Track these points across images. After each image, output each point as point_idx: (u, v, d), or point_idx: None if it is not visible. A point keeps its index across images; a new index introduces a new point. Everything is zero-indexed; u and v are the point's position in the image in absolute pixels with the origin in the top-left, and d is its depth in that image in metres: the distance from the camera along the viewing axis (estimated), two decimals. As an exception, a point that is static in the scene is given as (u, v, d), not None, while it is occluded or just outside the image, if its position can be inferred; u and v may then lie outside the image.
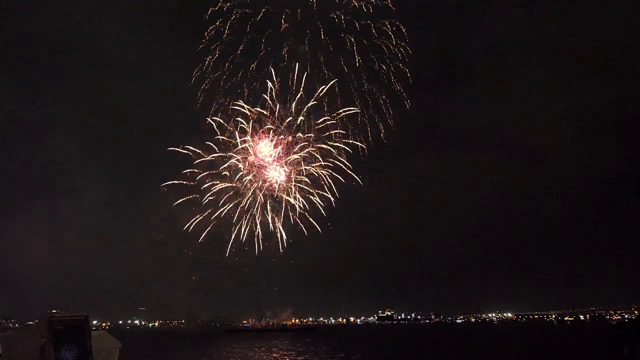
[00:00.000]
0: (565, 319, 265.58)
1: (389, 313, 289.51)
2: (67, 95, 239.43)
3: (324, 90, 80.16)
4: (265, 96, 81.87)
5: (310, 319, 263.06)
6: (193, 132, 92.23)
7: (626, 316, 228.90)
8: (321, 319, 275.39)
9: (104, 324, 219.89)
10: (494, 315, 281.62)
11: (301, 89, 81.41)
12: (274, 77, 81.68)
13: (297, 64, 79.28)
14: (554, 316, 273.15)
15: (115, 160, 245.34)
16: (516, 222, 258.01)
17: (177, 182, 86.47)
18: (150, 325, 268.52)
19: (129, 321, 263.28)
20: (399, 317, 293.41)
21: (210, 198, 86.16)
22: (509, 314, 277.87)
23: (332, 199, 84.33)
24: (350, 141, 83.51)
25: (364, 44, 79.85)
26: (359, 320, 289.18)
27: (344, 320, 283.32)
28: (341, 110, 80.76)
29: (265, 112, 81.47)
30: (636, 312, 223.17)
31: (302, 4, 76.51)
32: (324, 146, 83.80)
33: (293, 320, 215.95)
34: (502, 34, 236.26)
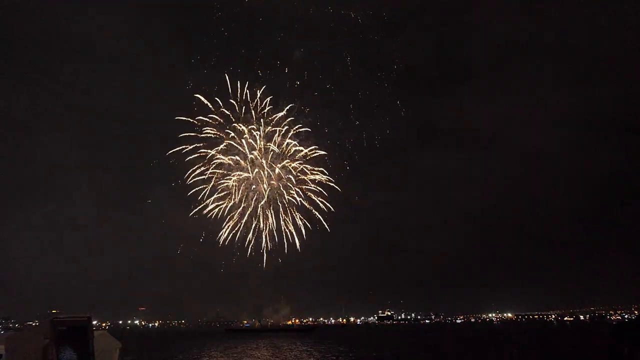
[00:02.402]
0: (565, 319, 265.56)
1: (389, 313, 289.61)
2: (66, 96, 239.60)
3: (318, 95, 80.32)
4: (260, 101, 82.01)
5: (310, 319, 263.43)
6: (190, 136, 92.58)
7: (626, 316, 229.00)
8: (321, 319, 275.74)
9: (104, 324, 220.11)
10: (493, 315, 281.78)
11: (296, 95, 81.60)
12: (271, 82, 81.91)
13: (293, 70, 79.54)
14: (553, 316, 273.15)
15: (115, 162, 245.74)
16: (516, 222, 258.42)
17: (170, 189, 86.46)
18: (150, 325, 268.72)
19: (129, 321, 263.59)
20: (399, 317, 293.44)
21: (208, 199, 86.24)
22: (509, 314, 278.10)
23: (324, 208, 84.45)
24: (347, 144, 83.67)
25: (361, 48, 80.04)
26: (359, 320, 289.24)
27: (344, 320, 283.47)
28: (339, 118, 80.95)
29: (254, 117, 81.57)
30: (636, 312, 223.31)
31: (299, 13, 76.73)
32: (321, 152, 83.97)
33: (293, 320, 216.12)
34: (501, 35, 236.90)
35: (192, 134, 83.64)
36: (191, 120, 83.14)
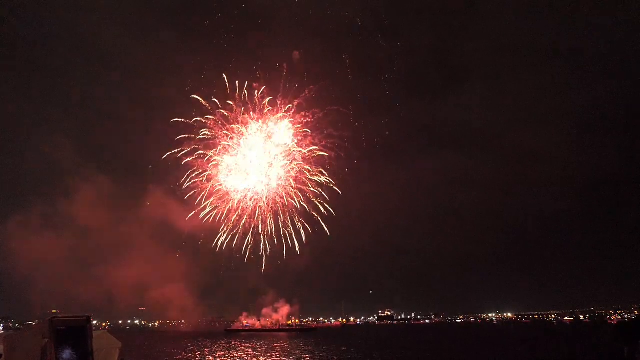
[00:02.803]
0: (565, 319, 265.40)
1: (389, 313, 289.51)
2: (66, 96, 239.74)
3: (318, 95, 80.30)
4: (259, 102, 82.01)
5: (310, 319, 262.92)
6: (189, 138, 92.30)
7: (626, 316, 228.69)
8: (321, 319, 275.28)
9: (104, 324, 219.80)
10: (493, 315, 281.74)
11: (296, 95, 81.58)
12: (271, 82, 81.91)
13: (292, 70, 79.58)
14: (553, 316, 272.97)
15: (114, 161, 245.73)
16: (516, 222, 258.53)
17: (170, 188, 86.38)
18: (150, 325, 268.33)
19: (129, 321, 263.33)
20: (399, 317, 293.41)
21: (206, 203, 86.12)
22: (509, 314, 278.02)
23: (323, 209, 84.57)
24: (347, 145, 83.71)
25: (360, 49, 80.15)
26: (359, 320, 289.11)
27: (344, 320, 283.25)
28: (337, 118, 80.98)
29: (253, 118, 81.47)
30: (636, 312, 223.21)
31: (299, 13, 76.79)
32: (321, 153, 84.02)
33: (293, 320, 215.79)
34: (498, 36, 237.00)
35: (191, 135, 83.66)
36: (190, 122, 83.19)
